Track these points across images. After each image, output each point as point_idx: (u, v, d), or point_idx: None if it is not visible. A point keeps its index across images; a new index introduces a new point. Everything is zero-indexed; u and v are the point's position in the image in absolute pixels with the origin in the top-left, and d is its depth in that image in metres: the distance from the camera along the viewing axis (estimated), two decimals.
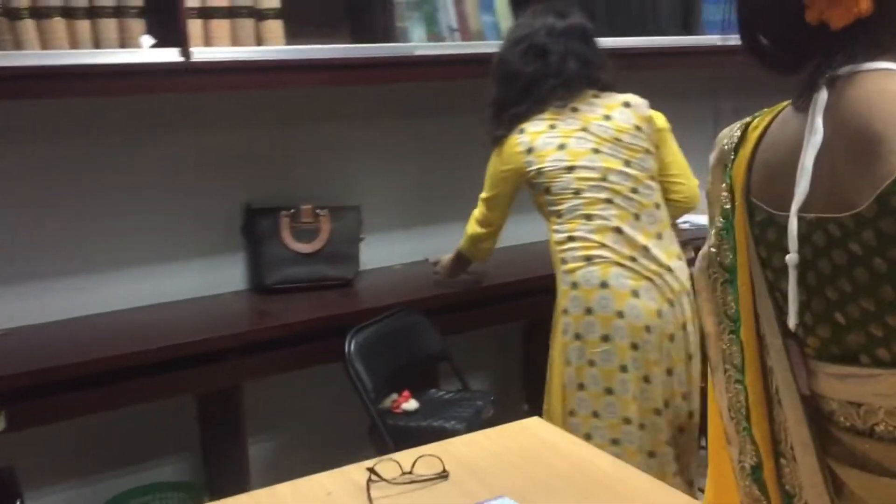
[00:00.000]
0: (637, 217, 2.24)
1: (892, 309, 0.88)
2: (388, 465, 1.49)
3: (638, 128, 2.28)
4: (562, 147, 2.26)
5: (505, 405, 2.73)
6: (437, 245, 3.10)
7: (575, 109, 2.29)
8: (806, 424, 1.00)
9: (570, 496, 1.39)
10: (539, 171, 2.27)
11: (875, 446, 0.94)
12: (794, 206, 0.95)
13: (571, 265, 2.24)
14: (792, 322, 0.97)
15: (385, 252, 2.98)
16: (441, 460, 1.48)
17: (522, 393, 3.15)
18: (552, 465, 1.49)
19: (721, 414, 1.18)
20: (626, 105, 2.31)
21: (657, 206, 2.29)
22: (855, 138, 0.92)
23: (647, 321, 2.21)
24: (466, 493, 1.42)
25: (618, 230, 2.22)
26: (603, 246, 2.21)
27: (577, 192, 2.24)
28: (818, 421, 1.01)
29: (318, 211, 2.76)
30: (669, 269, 2.26)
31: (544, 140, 2.27)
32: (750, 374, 1.06)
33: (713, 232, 1.10)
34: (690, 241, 3.02)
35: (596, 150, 2.24)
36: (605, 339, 2.21)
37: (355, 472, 1.51)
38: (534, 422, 1.71)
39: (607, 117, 2.28)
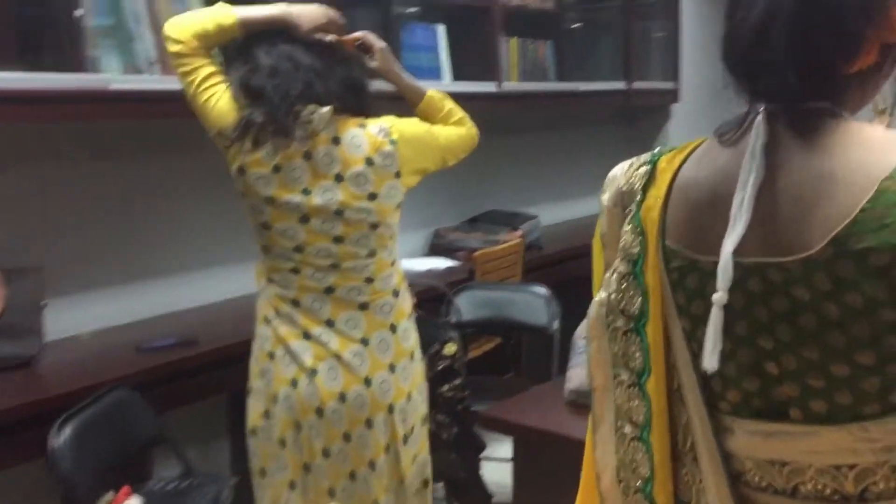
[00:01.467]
0: (330, 290, 1.95)
1: (840, 357, 0.85)
2: None
3: (373, 196, 1.95)
4: (269, 201, 1.90)
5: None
6: (139, 305, 2.71)
7: (308, 156, 1.90)
8: (727, 484, 0.94)
9: None
10: (245, 183, 1.90)
11: None
12: (730, 247, 0.87)
13: (257, 318, 2.00)
14: (712, 364, 0.89)
15: (72, 318, 2.52)
16: None
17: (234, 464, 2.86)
18: None
19: (599, 476, 1.06)
20: (369, 163, 1.94)
21: (368, 280, 1.97)
22: (805, 179, 0.87)
23: (309, 404, 1.95)
24: None
25: (295, 302, 1.95)
26: (277, 316, 1.95)
27: (266, 249, 1.96)
28: None
29: None
30: (338, 357, 1.95)
31: (258, 175, 1.89)
32: (657, 430, 0.98)
33: (613, 278, 1.01)
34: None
35: (304, 220, 1.91)
36: (266, 414, 1.98)
37: None
38: None
39: (339, 178, 1.92)
